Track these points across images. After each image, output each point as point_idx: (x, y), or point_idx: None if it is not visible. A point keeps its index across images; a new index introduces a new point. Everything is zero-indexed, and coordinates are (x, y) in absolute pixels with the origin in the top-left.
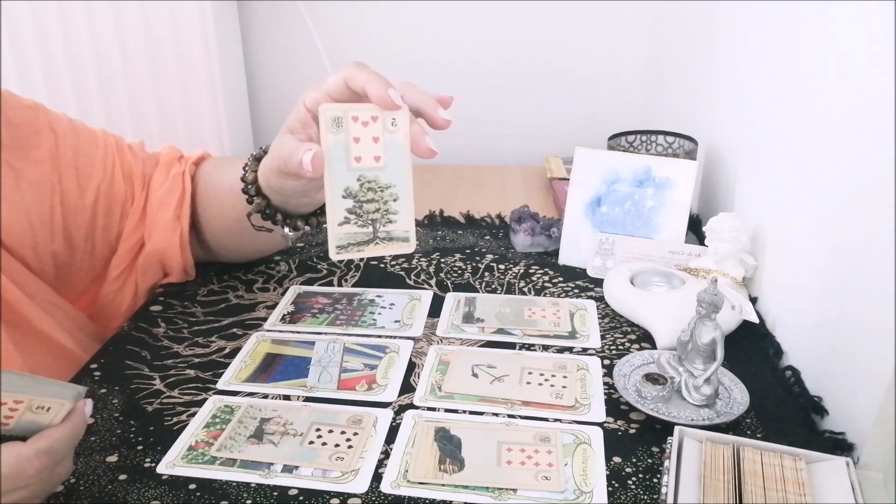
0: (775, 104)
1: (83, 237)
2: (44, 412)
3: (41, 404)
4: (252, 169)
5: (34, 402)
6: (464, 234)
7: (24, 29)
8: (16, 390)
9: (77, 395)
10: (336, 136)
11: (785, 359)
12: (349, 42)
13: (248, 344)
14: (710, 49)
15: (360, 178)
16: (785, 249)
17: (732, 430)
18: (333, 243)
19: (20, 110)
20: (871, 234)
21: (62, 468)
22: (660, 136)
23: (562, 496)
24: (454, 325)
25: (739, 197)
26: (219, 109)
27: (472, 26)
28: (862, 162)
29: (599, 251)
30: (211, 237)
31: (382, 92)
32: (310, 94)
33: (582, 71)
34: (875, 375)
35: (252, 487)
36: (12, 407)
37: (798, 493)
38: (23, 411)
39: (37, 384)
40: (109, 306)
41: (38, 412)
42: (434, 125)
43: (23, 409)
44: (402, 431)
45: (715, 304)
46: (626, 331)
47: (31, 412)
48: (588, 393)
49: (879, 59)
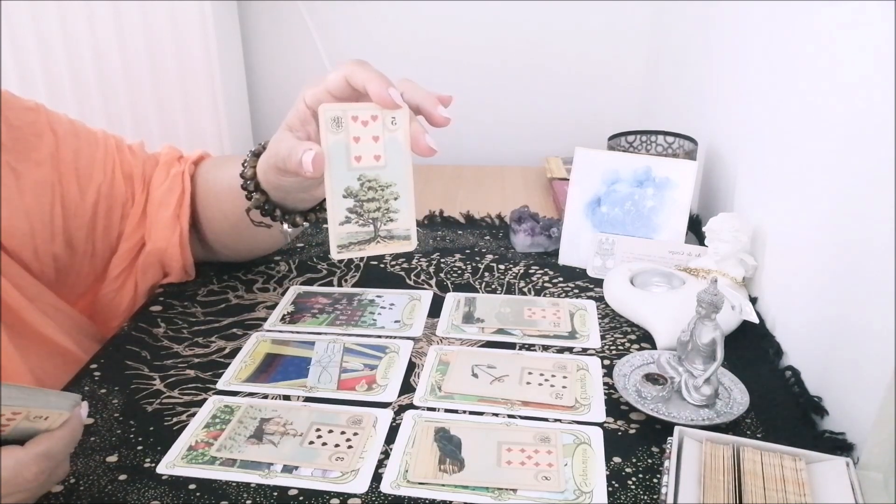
0: (775, 104)
1: (83, 238)
2: (42, 420)
3: (39, 414)
4: (251, 165)
5: (32, 412)
6: (464, 234)
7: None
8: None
9: (74, 404)
10: (336, 135)
11: (785, 359)
12: (349, 42)
13: (248, 344)
14: (710, 49)
15: (361, 178)
16: (785, 249)
17: (732, 430)
18: (334, 242)
19: (21, 111)
20: (871, 234)
21: (60, 471)
22: (660, 137)
23: (562, 496)
24: (454, 326)
25: (739, 197)
26: (219, 109)
27: (471, 26)
28: (862, 162)
29: (599, 251)
30: (211, 235)
31: (383, 90)
32: (309, 90)
33: (582, 71)
34: (875, 375)
35: (252, 487)
36: (9, 417)
37: (798, 494)
38: (20, 420)
39: (34, 395)
40: (109, 306)
41: (36, 420)
42: (434, 123)
43: (20, 419)
44: (402, 431)
45: (715, 304)
46: (626, 331)
47: (28, 421)
48: (588, 393)
49: (879, 59)
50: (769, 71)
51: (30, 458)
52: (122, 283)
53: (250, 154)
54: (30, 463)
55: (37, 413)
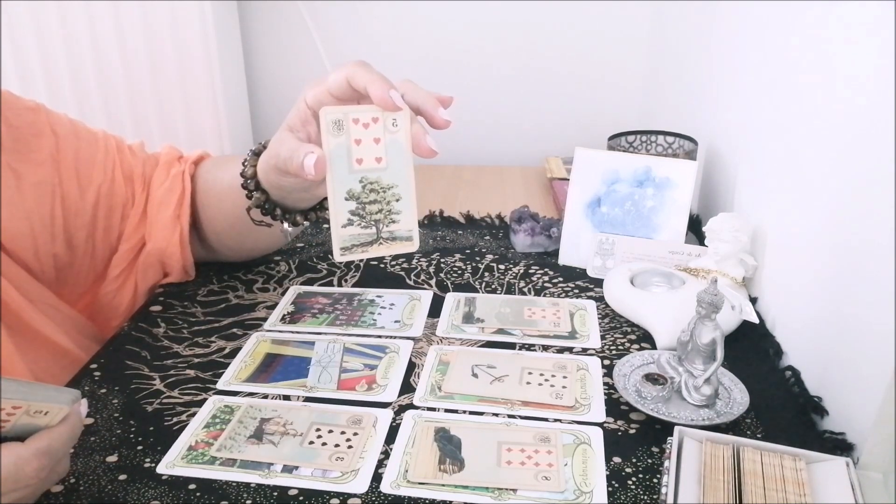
0: (775, 104)
1: (84, 239)
2: (41, 416)
3: (39, 409)
4: (251, 164)
5: (32, 406)
6: (464, 234)
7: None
8: (13, 397)
9: (74, 399)
10: (337, 138)
11: (785, 359)
12: (349, 42)
13: (248, 344)
14: (710, 49)
15: (363, 180)
16: (785, 249)
17: (732, 430)
18: (337, 245)
19: (21, 112)
20: (871, 233)
21: (60, 467)
22: (660, 137)
23: (562, 496)
24: (454, 326)
25: (739, 197)
26: (219, 109)
27: (472, 26)
28: (862, 162)
29: (599, 251)
30: (211, 235)
31: (384, 93)
32: (310, 90)
33: (582, 71)
34: (875, 375)
35: (252, 487)
36: (10, 412)
37: (798, 493)
38: (20, 415)
39: (34, 390)
40: (108, 306)
41: (36, 416)
42: (434, 125)
43: (20, 414)
44: (402, 431)
45: (715, 304)
46: (626, 331)
47: (28, 416)
48: (588, 393)
49: (879, 59)
50: (769, 71)
51: (30, 454)
52: (122, 283)
53: (250, 153)
54: (30, 459)
55: (36, 408)
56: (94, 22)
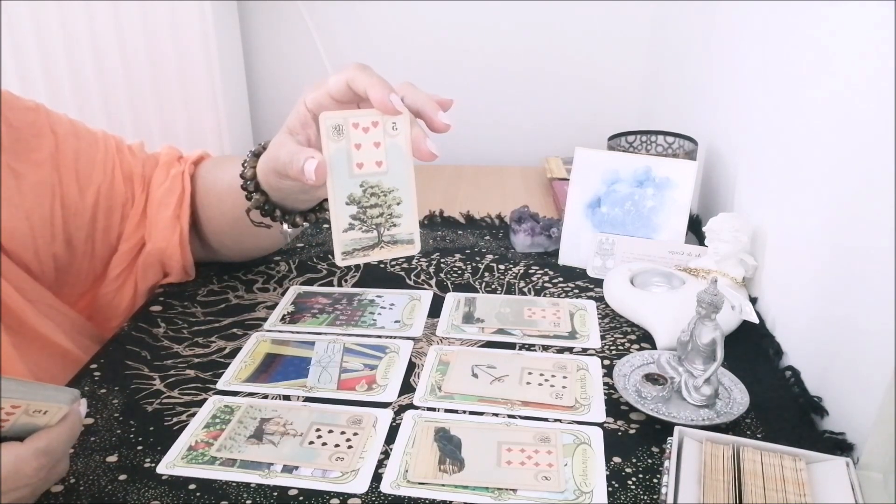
0: (775, 104)
1: (83, 239)
2: (41, 415)
3: (38, 408)
4: (251, 165)
5: (31, 406)
6: (464, 234)
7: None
8: (13, 396)
9: (73, 399)
10: (337, 143)
11: (785, 359)
12: (349, 42)
13: (248, 344)
14: (710, 50)
15: (363, 184)
16: (785, 249)
17: (732, 431)
18: (339, 249)
19: (21, 112)
20: (871, 234)
21: (60, 467)
22: (660, 137)
23: (562, 496)
24: (454, 326)
25: (739, 197)
26: (219, 109)
27: (472, 26)
28: (862, 162)
29: (599, 251)
30: (211, 235)
31: (384, 97)
32: (310, 93)
33: (582, 71)
34: (875, 375)
35: (252, 488)
36: (9, 411)
37: (798, 494)
38: (19, 415)
39: (33, 389)
40: (108, 306)
41: (35, 415)
42: (434, 129)
43: (19, 413)
44: (402, 431)
45: (715, 304)
46: (626, 331)
47: (27, 416)
48: (588, 393)
49: (880, 60)
50: (769, 71)
51: (29, 454)
52: (121, 283)
53: (250, 154)
54: (30, 458)
55: (36, 407)
56: (94, 22)
